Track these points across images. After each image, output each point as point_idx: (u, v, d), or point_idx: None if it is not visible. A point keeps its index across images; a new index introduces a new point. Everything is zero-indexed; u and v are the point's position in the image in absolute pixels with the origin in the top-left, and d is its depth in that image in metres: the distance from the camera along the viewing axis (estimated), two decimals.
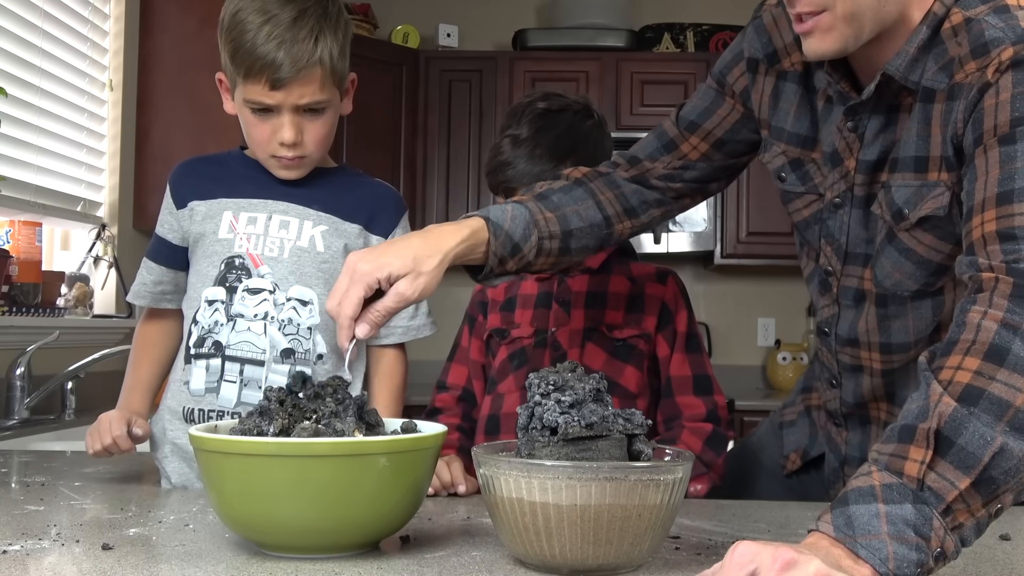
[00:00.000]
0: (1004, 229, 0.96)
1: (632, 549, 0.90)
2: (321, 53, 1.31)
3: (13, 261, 2.32)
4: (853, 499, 0.83)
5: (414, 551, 0.99)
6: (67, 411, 2.48)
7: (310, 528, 0.93)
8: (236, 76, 1.33)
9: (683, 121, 1.38)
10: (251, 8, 1.30)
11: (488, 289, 1.65)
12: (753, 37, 1.31)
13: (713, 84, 1.38)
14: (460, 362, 1.67)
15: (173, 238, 1.45)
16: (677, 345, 1.57)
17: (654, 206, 1.40)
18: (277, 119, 1.33)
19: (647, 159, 1.39)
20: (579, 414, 0.91)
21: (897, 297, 1.22)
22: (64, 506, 1.20)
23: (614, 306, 1.57)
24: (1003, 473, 0.83)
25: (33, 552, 0.95)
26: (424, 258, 1.14)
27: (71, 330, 2.54)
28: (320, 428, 0.95)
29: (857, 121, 1.19)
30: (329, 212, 1.42)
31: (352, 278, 1.11)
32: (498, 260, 1.25)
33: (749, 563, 0.75)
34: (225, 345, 1.38)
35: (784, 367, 4.15)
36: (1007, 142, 1.00)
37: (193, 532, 1.06)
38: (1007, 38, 1.04)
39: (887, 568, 0.79)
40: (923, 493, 0.82)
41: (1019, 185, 0.97)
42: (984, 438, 0.83)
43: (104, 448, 1.34)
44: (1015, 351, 0.87)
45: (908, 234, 1.17)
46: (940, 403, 0.85)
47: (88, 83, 2.85)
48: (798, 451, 1.46)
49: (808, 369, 1.51)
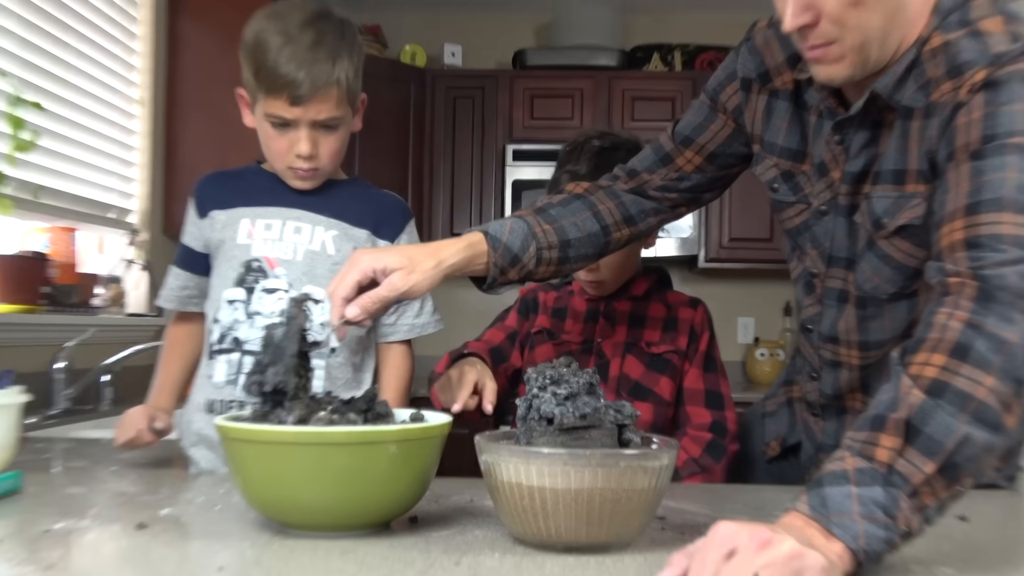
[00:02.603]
0: (971, 237, 0.96)
1: (622, 529, 0.90)
2: (338, 74, 1.32)
3: (52, 264, 2.33)
4: (828, 482, 0.83)
5: (422, 530, 0.99)
6: (104, 402, 2.49)
7: (327, 509, 0.94)
8: (258, 92, 1.34)
9: (678, 136, 1.39)
10: (273, 30, 1.31)
11: (540, 292, 1.68)
12: (746, 58, 1.31)
13: (706, 101, 1.38)
14: (500, 330, 1.67)
15: (197, 245, 1.46)
16: (696, 361, 1.60)
17: (651, 214, 1.40)
18: (295, 133, 1.34)
19: (645, 171, 1.40)
20: (573, 406, 0.92)
21: (875, 299, 1.22)
22: (102, 489, 1.21)
23: (652, 327, 1.62)
24: (966, 459, 0.84)
25: (74, 531, 0.96)
26: (420, 259, 1.16)
27: (106, 328, 2.54)
28: (335, 418, 0.96)
29: (844, 135, 1.19)
30: (339, 219, 1.43)
31: (351, 266, 1.13)
32: (499, 270, 1.26)
33: (729, 541, 0.76)
34: (244, 341, 1.39)
35: (762, 362, 4.15)
36: (978, 157, 1.00)
37: (220, 512, 1.06)
38: (980, 60, 1.04)
39: (858, 544, 0.80)
40: (892, 477, 0.83)
41: (987, 197, 0.97)
42: (949, 427, 0.84)
43: (128, 441, 1.35)
44: (978, 348, 0.87)
45: (887, 241, 1.17)
46: (910, 395, 0.86)
47: (120, 100, 2.86)
48: (778, 439, 1.47)
49: (789, 363, 1.52)
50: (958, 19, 1.08)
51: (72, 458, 1.48)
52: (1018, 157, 0.97)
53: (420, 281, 1.15)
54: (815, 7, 1.04)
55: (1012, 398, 0.87)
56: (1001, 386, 0.86)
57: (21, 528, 0.97)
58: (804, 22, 1.05)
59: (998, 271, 0.92)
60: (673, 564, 0.78)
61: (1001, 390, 0.86)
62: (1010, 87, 1.01)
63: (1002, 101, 1.00)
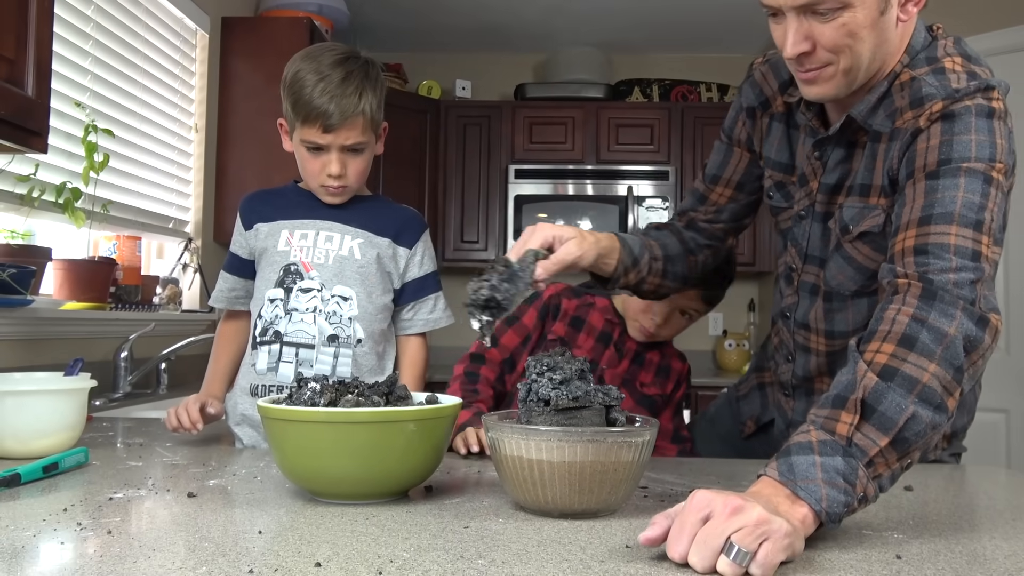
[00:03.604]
0: (920, 245, 0.96)
1: (609, 497, 0.89)
2: (363, 106, 1.33)
3: (118, 268, 2.32)
4: (795, 451, 0.83)
5: (436, 498, 0.98)
6: (161, 386, 2.48)
7: (353, 479, 0.92)
8: (295, 121, 1.35)
9: (707, 177, 1.40)
10: (308, 69, 1.33)
11: (564, 298, 1.63)
12: (748, 90, 1.33)
13: (724, 139, 1.39)
14: (516, 332, 1.61)
15: (243, 253, 1.46)
16: (671, 406, 1.65)
17: (705, 248, 1.40)
18: (327, 156, 1.35)
19: (690, 210, 1.41)
20: (567, 389, 0.91)
21: (840, 295, 1.22)
22: (158, 462, 1.19)
23: (648, 369, 1.63)
24: (914, 435, 0.84)
25: (133, 499, 0.95)
26: (587, 234, 1.16)
27: (164, 322, 2.53)
28: (360, 400, 0.95)
29: (822, 151, 1.20)
30: (364, 229, 1.43)
31: (533, 233, 1.11)
32: (624, 268, 1.26)
33: (705, 507, 0.75)
34: (283, 333, 1.38)
35: (729, 352, 4.14)
36: (933, 177, 1.00)
37: (260, 483, 1.05)
38: (938, 94, 1.04)
39: (821, 507, 0.79)
40: (851, 448, 0.82)
41: (937, 211, 0.97)
42: (899, 407, 0.83)
43: (177, 426, 1.33)
44: (922, 339, 0.87)
45: (851, 245, 1.17)
46: (865, 377, 0.85)
47: (179, 127, 2.85)
48: (752, 418, 1.45)
49: (759, 352, 1.50)
50: (924, 57, 1.09)
51: (132, 435, 1.46)
52: (968, 180, 0.97)
53: (588, 250, 1.14)
54: (812, 37, 1.04)
55: (951, 383, 0.86)
56: (942, 372, 0.86)
57: (86, 496, 0.95)
58: (802, 50, 1.06)
59: (941, 276, 0.92)
60: (655, 524, 0.77)
61: (942, 375, 0.86)
62: (964, 119, 1.01)
63: (957, 131, 1.01)
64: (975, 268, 0.93)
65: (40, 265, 1.92)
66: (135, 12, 2.53)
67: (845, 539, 0.83)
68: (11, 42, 1.44)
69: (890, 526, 0.89)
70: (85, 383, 1.23)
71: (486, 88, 4.35)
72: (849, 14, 1.02)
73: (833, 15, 1.02)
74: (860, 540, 0.83)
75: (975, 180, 0.97)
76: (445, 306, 1.49)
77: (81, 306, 2.13)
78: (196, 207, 2.98)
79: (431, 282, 1.48)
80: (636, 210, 3.93)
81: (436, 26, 4.07)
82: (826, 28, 1.03)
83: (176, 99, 2.82)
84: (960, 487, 1.13)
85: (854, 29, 1.02)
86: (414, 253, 1.45)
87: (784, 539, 0.74)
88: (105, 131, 2.21)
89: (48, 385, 1.21)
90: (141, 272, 2.50)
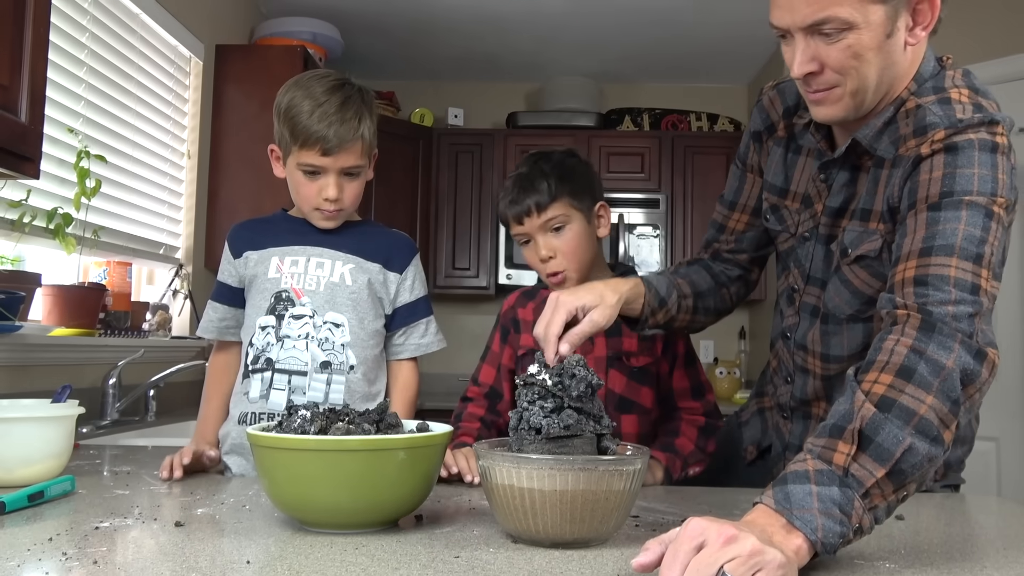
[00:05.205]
0: (920, 276, 0.96)
1: (601, 526, 0.89)
2: (362, 131, 1.35)
3: (108, 294, 2.31)
4: (791, 480, 0.82)
5: (427, 528, 0.97)
6: (149, 413, 2.45)
7: (342, 508, 0.91)
8: (292, 146, 1.35)
9: (724, 203, 1.41)
10: (303, 95, 1.34)
11: (519, 308, 1.58)
12: (756, 116, 1.34)
13: (738, 165, 1.40)
14: (490, 364, 1.58)
15: (232, 282, 1.46)
16: (677, 364, 1.53)
17: (735, 279, 1.42)
18: (324, 179, 1.36)
19: (713, 241, 1.43)
20: (558, 418, 0.91)
21: (836, 318, 1.22)
22: (145, 490, 1.18)
23: (629, 333, 1.50)
24: (911, 467, 0.83)
25: (120, 528, 0.94)
26: (607, 295, 1.14)
27: (153, 348, 2.52)
28: (351, 428, 0.94)
29: (828, 174, 1.21)
30: (355, 255, 1.43)
31: (556, 309, 1.10)
32: (651, 310, 1.26)
33: (698, 536, 0.74)
34: (275, 361, 1.37)
35: (721, 379, 4.14)
36: (934, 209, 1.00)
37: (249, 512, 1.04)
38: (942, 123, 1.05)
39: (816, 536, 0.78)
40: (847, 479, 0.82)
41: (939, 243, 0.97)
42: (896, 438, 0.83)
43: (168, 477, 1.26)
44: (920, 371, 0.87)
45: (848, 268, 1.17)
46: (863, 408, 0.85)
47: (170, 153, 2.85)
48: (754, 444, 1.45)
49: (759, 378, 1.50)
50: (932, 86, 1.10)
51: (119, 463, 1.45)
52: (969, 213, 0.98)
53: (612, 313, 1.14)
54: (819, 58, 1.06)
55: (948, 416, 0.86)
56: (939, 404, 0.86)
57: (72, 526, 0.94)
58: (810, 70, 1.07)
59: (940, 309, 0.92)
60: (648, 549, 0.76)
61: (939, 408, 0.86)
62: (968, 152, 1.02)
63: (960, 164, 1.01)
64: (974, 301, 0.93)
65: (30, 291, 1.91)
66: (129, 39, 2.55)
67: (837, 569, 0.83)
68: (5, 68, 1.45)
69: (882, 555, 0.89)
70: (73, 410, 1.22)
71: (478, 116, 4.39)
72: (855, 36, 1.03)
73: (839, 36, 1.03)
74: (852, 569, 0.83)
75: (977, 214, 0.98)
76: (437, 330, 1.49)
77: (70, 332, 2.12)
78: (187, 233, 2.97)
79: (422, 306, 1.47)
80: (627, 238, 3.95)
81: (429, 55, 4.11)
82: (832, 49, 1.04)
83: (169, 126, 2.83)
84: (952, 516, 1.13)
85: (860, 51, 1.04)
86: (404, 278, 1.45)
87: (778, 570, 0.73)
88: (98, 157, 2.21)
89: (35, 412, 1.20)
90: (131, 298, 2.49)
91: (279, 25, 3.41)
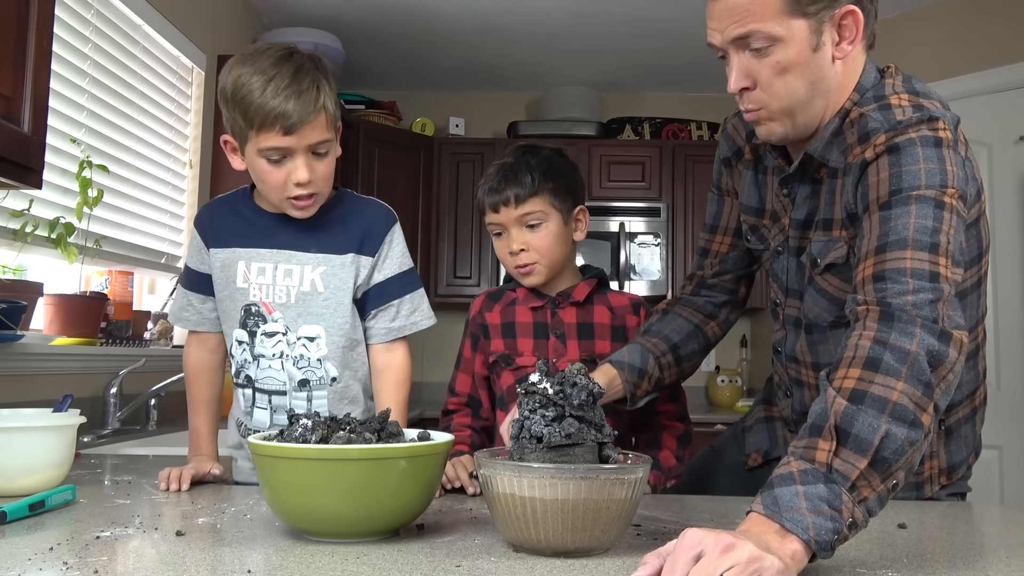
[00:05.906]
0: (878, 272, 0.99)
1: (602, 535, 0.89)
2: (323, 100, 1.22)
3: (110, 303, 2.31)
4: (777, 483, 0.83)
5: (428, 537, 0.97)
6: (150, 422, 2.45)
7: (344, 517, 0.91)
8: (248, 131, 1.23)
9: (706, 228, 1.45)
10: (250, 72, 1.21)
11: (486, 312, 1.54)
12: (723, 144, 1.39)
13: (714, 191, 1.44)
14: (465, 372, 1.56)
15: (202, 268, 1.37)
16: None
17: (723, 305, 1.44)
18: (291, 163, 1.22)
19: (697, 270, 1.45)
20: (559, 427, 0.91)
21: (819, 326, 1.24)
22: (146, 500, 1.18)
23: (601, 335, 1.48)
24: (892, 453, 0.84)
25: (121, 537, 0.94)
26: None
27: (154, 358, 2.52)
28: (352, 437, 0.94)
29: (789, 188, 1.24)
30: (325, 251, 1.31)
31: None
32: (633, 386, 1.31)
33: (696, 546, 0.74)
34: (254, 379, 1.32)
35: (722, 388, 4.13)
36: (885, 208, 1.03)
37: (250, 521, 1.04)
38: (882, 127, 1.08)
39: (809, 535, 0.78)
40: (832, 475, 0.82)
41: (892, 239, 1.00)
42: (872, 427, 0.84)
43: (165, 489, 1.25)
44: (886, 360, 0.89)
45: (821, 277, 1.19)
46: (835, 403, 0.86)
47: (172, 162, 2.86)
48: (759, 451, 1.45)
49: (766, 385, 1.50)
50: (872, 95, 1.14)
51: (120, 472, 1.45)
52: (919, 207, 1.01)
53: None
54: (752, 75, 1.11)
55: (923, 399, 0.87)
56: (911, 389, 0.87)
57: (73, 535, 0.94)
58: (743, 85, 1.13)
59: (899, 299, 0.95)
60: (646, 563, 0.76)
61: (911, 392, 0.87)
62: (910, 151, 1.04)
63: (905, 162, 1.04)
64: (934, 288, 0.95)
65: (31, 300, 1.92)
66: (132, 49, 2.56)
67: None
68: (8, 79, 1.46)
69: (884, 564, 0.89)
70: (74, 419, 1.22)
71: (479, 126, 4.40)
72: (782, 51, 1.08)
73: (767, 52, 1.09)
74: None
75: (926, 206, 1.00)
76: (411, 312, 1.35)
77: (72, 341, 2.12)
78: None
79: (393, 286, 1.33)
80: (628, 246, 3.95)
81: (430, 65, 4.13)
82: (763, 66, 1.10)
83: (171, 135, 2.84)
84: (954, 524, 1.13)
85: (787, 65, 1.09)
86: (377, 258, 1.33)
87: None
88: (100, 167, 2.22)
89: (36, 421, 1.20)
90: (133, 307, 2.49)
91: (281, 36, 3.42)
